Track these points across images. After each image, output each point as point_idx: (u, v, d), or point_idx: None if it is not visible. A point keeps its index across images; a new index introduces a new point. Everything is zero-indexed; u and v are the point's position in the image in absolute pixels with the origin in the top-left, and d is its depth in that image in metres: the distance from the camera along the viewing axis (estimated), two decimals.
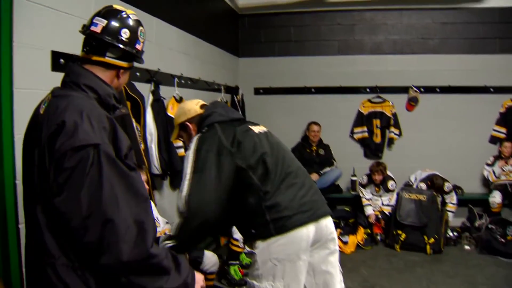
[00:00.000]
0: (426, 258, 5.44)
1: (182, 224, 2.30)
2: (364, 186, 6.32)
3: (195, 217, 2.24)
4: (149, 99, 4.00)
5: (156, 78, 4.12)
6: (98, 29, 1.78)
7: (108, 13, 1.84)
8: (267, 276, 2.32)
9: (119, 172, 1.58)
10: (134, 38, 1.86)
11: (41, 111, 1.71)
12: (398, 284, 4.65)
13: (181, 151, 4.35)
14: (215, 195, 2.25)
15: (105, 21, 1.80)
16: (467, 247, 5.79)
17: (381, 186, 6.27)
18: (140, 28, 1.91)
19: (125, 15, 1.87)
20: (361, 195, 6.34)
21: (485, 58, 6.69)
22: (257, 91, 7.28)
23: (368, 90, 7.01)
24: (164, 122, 4.11)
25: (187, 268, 1.78)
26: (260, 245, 2.33)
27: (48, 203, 1.56)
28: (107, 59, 1.81)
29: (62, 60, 2.88)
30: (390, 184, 6.20)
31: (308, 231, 2.34)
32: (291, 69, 7.16)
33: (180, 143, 4.36)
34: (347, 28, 7.05)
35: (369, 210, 6.21)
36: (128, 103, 3.55)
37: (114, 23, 1.81)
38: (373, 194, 6.38)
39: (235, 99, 6.65)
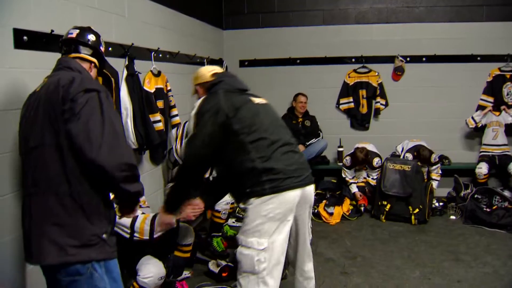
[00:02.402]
0: (410, 228, 5.46)
1: (179, 168, 3.13)
2: (348, 167, 6.26)
3: (187, 163, 2.87)
4: (123, 74, 3.92)
5: (130, 53, 4.01)
6: (73, 35, 2.46)
7: (78, 27, 2.51)
8: (254, 232, 2.60)
9: (114, 112, 2.22)
10: (98, 42, 2.53)
11: (37, 89, 2.27)
12: (380, 254, 4.67)
13: (158, 125, 4.31)
14: (205, 150, 2.71)
15: (78, 30, 2.47)
16: (452, 217, 5.82)
17: (367, 165, 6.28)
18: (101, 37, 2.57)
19: (89, 28, 2.54)
20: (343, 175, 6.31)
21: (472, 26, 6.60)
22: (242, 63, 7.19)
23: (353, 60, 6.93)
24: (140, 97, 4.02)
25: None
26: (254, 201, 2.61)
27: (61, 137, 2.08)
28: (82, 54, 2.44)
29: (25, 38, 2.79)
30: (375, 162, 6.14)
31: (296, 194, 2.67)
32: (276, 41, 7.07)
33: (158, 117, 4.32)
34: None
35: (354, 188, 6.22)
36: (100, 79, 3.48)
37: (83, 31, 2.49)
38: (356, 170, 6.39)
39: None
